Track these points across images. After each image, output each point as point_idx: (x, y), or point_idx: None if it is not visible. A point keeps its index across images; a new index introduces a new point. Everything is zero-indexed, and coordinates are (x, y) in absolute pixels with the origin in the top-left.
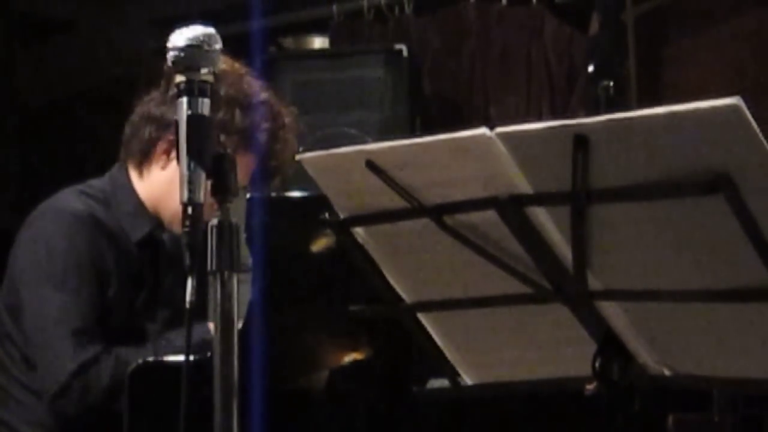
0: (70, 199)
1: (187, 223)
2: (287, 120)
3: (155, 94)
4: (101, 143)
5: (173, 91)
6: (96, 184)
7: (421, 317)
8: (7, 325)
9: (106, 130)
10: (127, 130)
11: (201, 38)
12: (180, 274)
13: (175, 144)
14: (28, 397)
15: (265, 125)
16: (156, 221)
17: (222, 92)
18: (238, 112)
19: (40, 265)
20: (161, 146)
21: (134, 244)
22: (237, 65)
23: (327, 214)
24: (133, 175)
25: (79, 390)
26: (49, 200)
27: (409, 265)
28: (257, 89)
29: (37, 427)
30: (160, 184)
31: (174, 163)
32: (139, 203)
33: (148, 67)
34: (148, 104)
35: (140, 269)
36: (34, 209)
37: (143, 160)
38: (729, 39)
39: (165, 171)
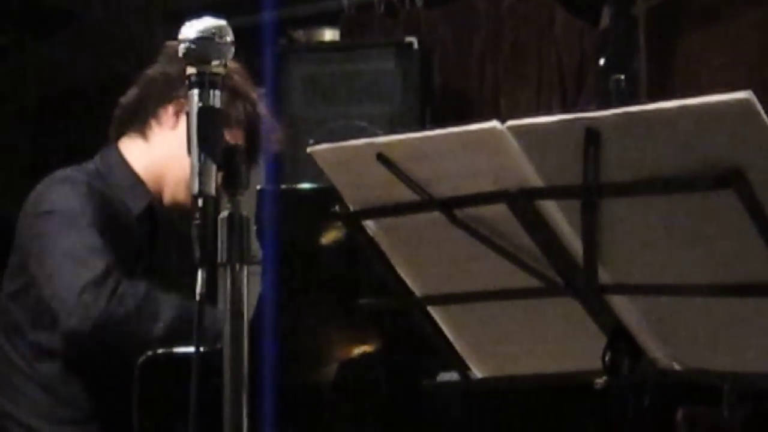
0: (68, 172)
1: (198, 215)
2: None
3: (156, 66)
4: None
5: (175, 63)
6: (89, 164)
7: (431, 310)
8: (13, 314)
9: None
10: (126, 105)
11: (212, 30)
12: (176, 251)
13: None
14: (35, 390)
15: (251, 97)
16: (153, 196)
17: None
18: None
19: (45, 221)
20: (173, 108)
21: (132, 218)
22: None
23: (337, 207)
24: (131, 149)
25: (112, 285)
26: (48, 177)
27: (420, 259)
28: (234, 69)
29: (44, 420)
30: (171, 143)
31: (184, 122)
32: (136, 178)
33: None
34: (150, 74)
35: (138, 243)
36: None
37: (150, 125)
38: (740, 32)
39: (176, 130)
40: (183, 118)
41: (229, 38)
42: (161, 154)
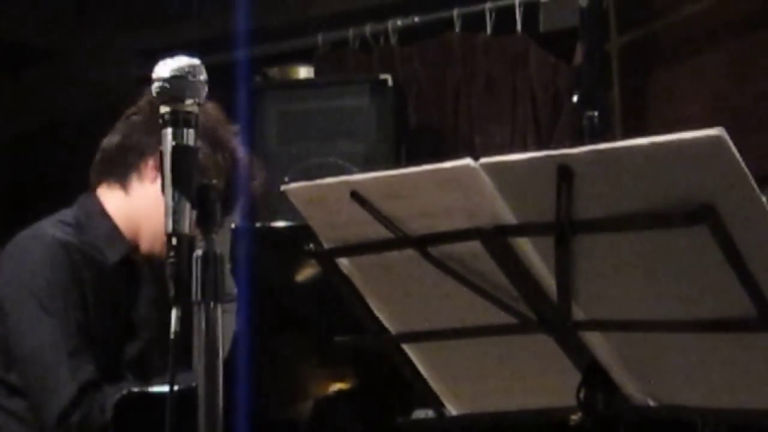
0: (47, 227)
1: (172, 253)
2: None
3: (139, 112)
4: (87, 170)
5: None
6: (67, 212)
7: (406, 348)
8: None
9: (92, 158)
10: (108, 150)
11: (186, 69)
12: (157, 296)
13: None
14: (9, 421)
15: (230, 146)
16: (131, 245)
17: None
18: None
19: (26, 292)
20: (153, 161)
21: (110, 267)
22: None
23: (312, 245)
24: (110, 198)
25: (83, 413)
26: (26, 231)
27: (394, 296)
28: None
29: None
30: (151, 197)
31: None
32: (113, 227)
33: (134, 96)
34: (133, 122)
35: (117, 293)
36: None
37: (130, 177)
38: (711, 67)
39: (155, 184)
40: None
41: (203, 77)
42: (140, 206)
